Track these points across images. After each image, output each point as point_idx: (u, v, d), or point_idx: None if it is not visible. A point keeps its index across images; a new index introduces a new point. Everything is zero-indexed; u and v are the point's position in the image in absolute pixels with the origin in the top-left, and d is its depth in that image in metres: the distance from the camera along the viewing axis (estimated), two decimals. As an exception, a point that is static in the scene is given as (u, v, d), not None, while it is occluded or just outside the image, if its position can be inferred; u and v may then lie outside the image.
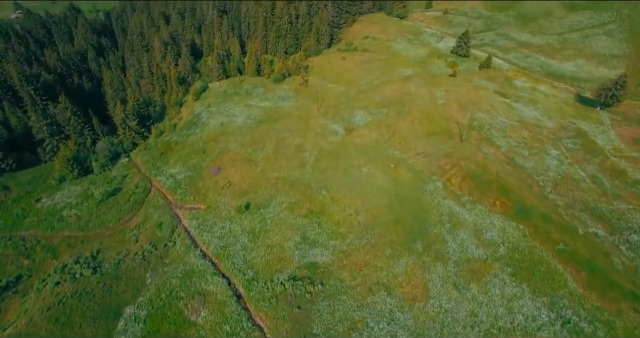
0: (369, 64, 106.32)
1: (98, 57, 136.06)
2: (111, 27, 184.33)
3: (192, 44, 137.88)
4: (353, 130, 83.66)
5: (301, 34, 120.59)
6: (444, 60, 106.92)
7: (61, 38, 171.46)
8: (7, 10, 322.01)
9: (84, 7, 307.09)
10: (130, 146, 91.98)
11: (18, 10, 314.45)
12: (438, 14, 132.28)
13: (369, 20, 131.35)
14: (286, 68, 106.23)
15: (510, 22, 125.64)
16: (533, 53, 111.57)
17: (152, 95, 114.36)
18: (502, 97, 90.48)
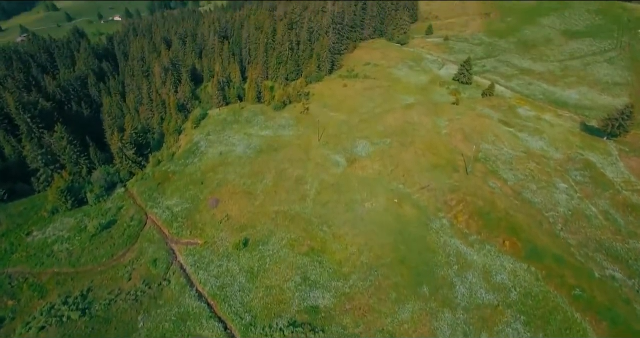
0: (371, 91, 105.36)
1: (98, 82, 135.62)
2: (113, 51, 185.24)
3: (192, 69, 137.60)
4: (355, 161, 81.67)
5: (302, 60, 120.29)
6: (446, 87, 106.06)
7: (63, 62, 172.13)
8: (13, 34, 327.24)
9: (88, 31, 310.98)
10: (126, 175, 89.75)
11: (24, 33, 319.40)
12: (439, 40, 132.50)
13: (369, 46, 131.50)
14: (287, 95, 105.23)
15: (511, 48, 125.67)
16: (535, 80, 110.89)
17: (151, 121, 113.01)
18: (506, 126, 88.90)
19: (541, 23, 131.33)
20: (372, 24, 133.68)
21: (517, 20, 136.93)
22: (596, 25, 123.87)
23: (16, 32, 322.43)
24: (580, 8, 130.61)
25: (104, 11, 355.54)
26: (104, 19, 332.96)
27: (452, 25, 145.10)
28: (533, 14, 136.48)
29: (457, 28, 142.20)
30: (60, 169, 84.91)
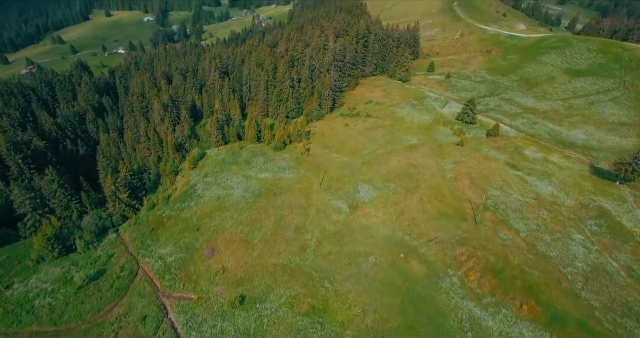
0: (373, 132, 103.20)
1: (97, 118, 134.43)
2: (115, 85, 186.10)
3: (192, 105, 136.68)
4: (358, 207, 78.08)
5: (303, 98, 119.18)
6: (450, 127, 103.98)
7: (65, 96, 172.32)
8: (20, 66, 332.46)
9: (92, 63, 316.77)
10: (119, 220, 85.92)
11: (30, 66, 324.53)
12: (441, 77, 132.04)
13: (371, 83, 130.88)
14: (287, 135, 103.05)
15: (514, 87, 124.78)
16: (540, 119, 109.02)
17: (148, 160, 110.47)
18: (514, 169, 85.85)
19: (543, 61, 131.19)
20: (374, 61, 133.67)
21: (519, 58, 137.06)
22: (598, 64, 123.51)
23: (22, 65, 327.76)
24: (581, 47, 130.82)
25: (108, 44, 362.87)
26: (108, 51, 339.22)
27: (454, 62, 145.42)
28: (534, 53, 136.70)
29: (458, 65, 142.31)
30: (50, 214, 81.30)
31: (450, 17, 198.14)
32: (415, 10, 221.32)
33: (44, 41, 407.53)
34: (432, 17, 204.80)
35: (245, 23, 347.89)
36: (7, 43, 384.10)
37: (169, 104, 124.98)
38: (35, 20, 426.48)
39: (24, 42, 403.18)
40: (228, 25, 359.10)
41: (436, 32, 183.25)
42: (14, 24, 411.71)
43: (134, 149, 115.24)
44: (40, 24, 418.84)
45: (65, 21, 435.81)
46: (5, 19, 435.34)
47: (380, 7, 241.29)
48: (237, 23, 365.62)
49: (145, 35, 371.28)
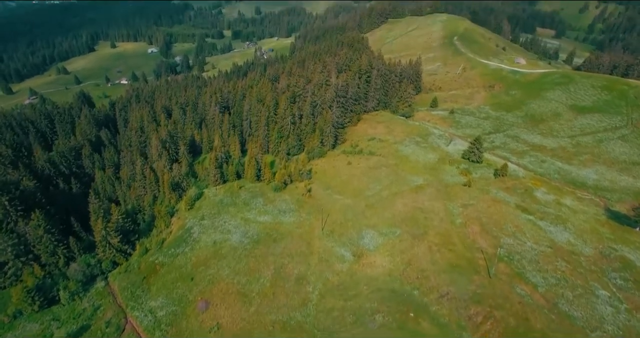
0: (377, 171, 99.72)
1: (93, 153, 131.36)
2: (114, 118, 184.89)
3: (191, 140, 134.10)
4: (362, 255, 73.34)
5: (304, 134, 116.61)
6: (455, 166, 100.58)
7: (63, 128, 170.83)
8: (23, 96, 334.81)
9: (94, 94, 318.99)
10: (109, 266, 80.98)
11: (33, 96, 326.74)
12: (444, 113, 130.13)
13: (374, 119, 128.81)
14: (288, 174, 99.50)
15: (519, 123, 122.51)
16: (548, 157, 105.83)
17: (143, 199, 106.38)
18: (525, 213, 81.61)
19: (547, 97, 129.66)
20: (376, 96, 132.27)
21: (523, 94, 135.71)
22: (603, 101, 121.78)
23: (26, 95, 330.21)
24: (585, 83, 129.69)
25: (112, 74, 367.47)
26: (111, 82, 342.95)
27: (457, 97, 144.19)
28: (538, 88, 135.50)
29: (462, 100, 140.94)
30: (33, 261, 76.39)
31: (450, 51, 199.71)
32: (415, 44, 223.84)
33: (48, 71, 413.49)
34: (433, 51, 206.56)
35: (247, 55, 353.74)
36: (12, 73, 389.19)
37: (167, 139, 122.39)
38: (42, 51, 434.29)
39: (30, 72, 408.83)
40: (230, 57, 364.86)
41: (437, 66, 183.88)
42: (21, 55, 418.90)
43: (129, 186, 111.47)
44: (46, 54, 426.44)
45: (71, 52, 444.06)
46: (14, 49, 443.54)
47: (381, 40, 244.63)
48: (239, 54, 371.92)
49: (148, 66, 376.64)
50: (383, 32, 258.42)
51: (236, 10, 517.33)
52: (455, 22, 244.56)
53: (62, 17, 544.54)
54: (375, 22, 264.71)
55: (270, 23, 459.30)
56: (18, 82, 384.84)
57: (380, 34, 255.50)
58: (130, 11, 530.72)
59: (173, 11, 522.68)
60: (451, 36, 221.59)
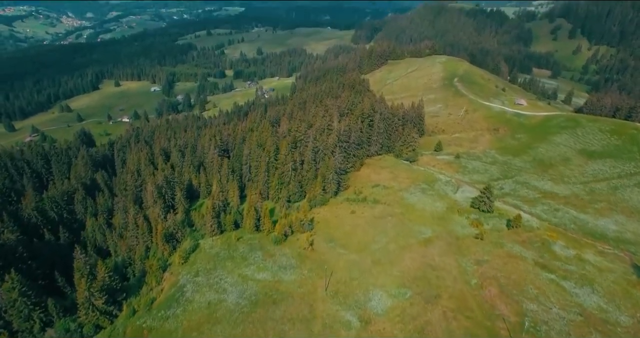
0: (382, 221, 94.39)
1: (87, 197, 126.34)
2: (112, 158, 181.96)
3: (189, 185, 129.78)
4: (370, 321, 66.43)
5: (306, 180, 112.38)
6: (465, 217, 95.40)
7: (60, 168, 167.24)
8: (25, 133, 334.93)
9: (95, 131, 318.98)
10: (91, 331, 73.65)
11: (34, 133, 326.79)
12: (450, 158, 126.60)
13: (377, 163, 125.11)
14: (289, 224, 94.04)
15: (528, 168, 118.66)
16: (561, 205, 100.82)
17: (135, 249, 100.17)
18: (546, 271, 75.41)
19: (554, 141, 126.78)
20: (379, 140, 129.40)
21: (529, 138, 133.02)
22: (613, 146, 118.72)
23: (27, 132, 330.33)
24: (592, 127, 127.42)
25: (114, 112, 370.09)
26: (113, 120, 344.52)
27: (461, 140, 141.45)
28: (544, 132, 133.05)
29: (466, 144, 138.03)
30: (3, 328, 69.19)
31: (451, 92, 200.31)
32: (416, 85, 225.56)
33: (52, 109, 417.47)
34: (434, 92, 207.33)
35: (248, 94, 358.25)
36: (16, 110, 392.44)
37: (163, 185, 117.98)
38: (48, 89, 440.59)
39: (34, 110, 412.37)
40: (231, 96, 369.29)
41: (439, 108, 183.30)
42: (27, 93, 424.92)
43: (120, 236, 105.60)
44: (51, 92, 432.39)
45: (75, 90, 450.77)
46: (21, 87, 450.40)
47: (382, 81, 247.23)
48: (240, 94, 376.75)
49: (151, 104, 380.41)
50: (383, 73, 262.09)
51: (238, 51, 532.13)
52: (455, 64, 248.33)
53: (71, 57, 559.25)
54: (375, 63, 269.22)
55: (271, 63, 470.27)
56: (21, 119, 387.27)
57: (381, 75, 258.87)
58: (135, 51, 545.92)
59: (177, 51, 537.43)
60: (451, 77, 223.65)
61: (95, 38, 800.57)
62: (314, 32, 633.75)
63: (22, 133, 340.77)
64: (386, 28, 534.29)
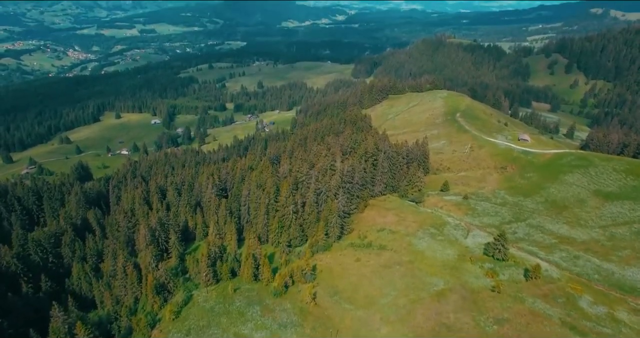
0: (390, 271, 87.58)
1: (76, 239, 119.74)
2: (107, 195, 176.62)
3: (185, 226, 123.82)
4: (382, 397, 58.53)
5: (307, 223, 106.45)
6: (479, 265, 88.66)
7: (52, 206, 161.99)
8: (22, 165, 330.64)
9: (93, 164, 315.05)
10: None
11: (31, 165, 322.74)
12: (457, 198, 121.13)
13: (382, 204, 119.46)
14: (289, 274, 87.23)
15: (540, 210, 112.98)
16: (581, 252, 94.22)
17: (122, 302, 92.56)
18: (576, 333, 68.03)
19: (567, 181, 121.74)
20: (383, 180, 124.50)
21: (539, 177, 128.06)
22: (630, 187, 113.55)
23: (25, 164, 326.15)
24: (606, 166, 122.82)
25: (113, 145, 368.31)
26: (112, 152, 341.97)
27: (468, 179, 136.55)
28: (555, 171, 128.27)
29: (474, 183, 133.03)
30: None
31: (455, 128, 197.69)
32: (418, 120, 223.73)
33: (52, 140, 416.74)
34: (437, 128, 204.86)
35: (248, 127, 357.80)
36: (16, 142, 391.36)
37: (157, 228, 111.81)
38: (49, 121, 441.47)
39: (33, 142, 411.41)
40: (232, 129, 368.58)
41: (442, 144, 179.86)
42: (28, 125, 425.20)
43: (108, 285, 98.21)
44: (52, 124, 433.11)
45: (76, 122, 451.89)
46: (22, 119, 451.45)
47: (383, 116, 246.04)
48: (240, 127, 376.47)
49: (150, 136, 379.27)
50: (384, 108, 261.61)
51: (239, 84, 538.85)
52: (456, 99, 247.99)
53: (74, 89, 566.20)
54: (376, 98, 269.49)
55: (272, 96, 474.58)
56: (20, 151, 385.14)
57: (382, 110, 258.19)
58: (137, 84, 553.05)
59: (179, 84, 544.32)
60: (453, 112, 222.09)
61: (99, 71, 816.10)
62: (314, 66, 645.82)
63: (19, 165, 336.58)
64: (385, 62, 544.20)
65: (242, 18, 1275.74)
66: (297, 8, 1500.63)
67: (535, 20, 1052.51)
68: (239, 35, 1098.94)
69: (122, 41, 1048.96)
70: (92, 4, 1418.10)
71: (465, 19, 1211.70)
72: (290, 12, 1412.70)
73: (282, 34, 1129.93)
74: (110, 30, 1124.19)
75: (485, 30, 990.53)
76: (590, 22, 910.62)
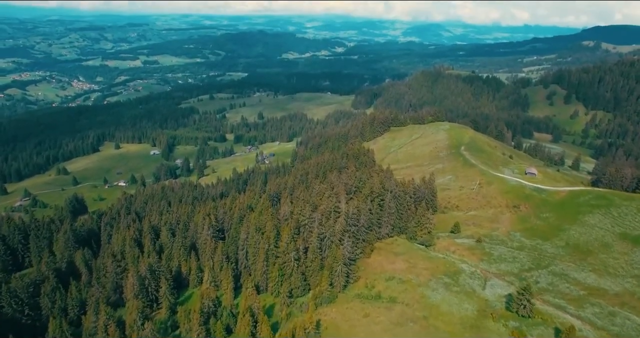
0: (403, 329, 78.35)
1: (58, 287, 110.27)
2: (99, 232, 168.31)
3: (177, 271, 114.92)
4: None
5: (310, 271, 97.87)
6: (502, 323, 79.47)
7: (38, 245, 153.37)
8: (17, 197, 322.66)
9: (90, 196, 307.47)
10: None
11: (25, 197, 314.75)
12: (470, 242, 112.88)
13: (389, 248, 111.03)
14: (292, 332, 77.74)
15: (562, 255, 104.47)
16: (616, 307, 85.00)
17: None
18: None
19: (588, 222, 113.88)
20: (390, 221, 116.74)
21: (557, 218, 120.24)
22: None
23: (20, 196, 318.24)
24: (629, 207, 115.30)
25: (111, 176, 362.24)
26: (109, 184, 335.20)
27: (479, 219, 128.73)
28: (573, 211, 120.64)
29: (486, 224, 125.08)
30: None
31: (460, 162, 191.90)
32: (421, 154, 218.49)
33: (49, 171, 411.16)
34: (441, 161, 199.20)
35: (248, 159, 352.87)
36: (13, 173, 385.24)
37: (147, 275, 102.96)
38: (48, 152, 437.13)
39: (30, 172, 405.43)
40: (231, 161, 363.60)
41: (449, 179, 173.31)
42: (26, 155, 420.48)
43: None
44: (50, 154, 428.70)
45: (75, 152, 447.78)
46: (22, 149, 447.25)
47: (385, 149, 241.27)
48: (240, 158, 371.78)
49: (149, 168, 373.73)
50: (386, 140, 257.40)
51: (239, 115, 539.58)
52: (459, 131, 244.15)
53: (75, 119, 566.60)
54: (378, 130, 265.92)
55: (272, 128, 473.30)
56: (16, 182, 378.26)
57: (384, 143, 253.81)
58: (138, 114, 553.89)
59: (179, 115, 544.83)
60: (458, 145, 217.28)
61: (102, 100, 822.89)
62: (315, 97, 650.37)
63: (14, 196, 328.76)
64: (385, 94, 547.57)
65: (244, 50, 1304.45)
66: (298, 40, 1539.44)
67: (529, 52, 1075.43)
68: (240, 66, 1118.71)
69: (125, 72, 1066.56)
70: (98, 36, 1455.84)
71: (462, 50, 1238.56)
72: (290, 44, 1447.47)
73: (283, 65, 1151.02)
74: (114, 62, 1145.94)
75: (481, 62, 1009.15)
76: (583, 54, 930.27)
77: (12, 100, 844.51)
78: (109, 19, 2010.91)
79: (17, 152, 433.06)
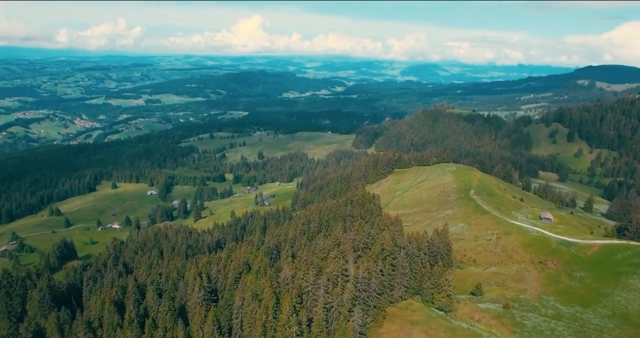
0: None
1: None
2: (81, 287, 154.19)
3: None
4: None
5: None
6: None
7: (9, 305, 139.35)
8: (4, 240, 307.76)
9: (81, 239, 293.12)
10: None
11: (13, 241, 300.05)
12: (497, 307, 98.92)
13: (404, 315, 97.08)
14: None
15: (611, 328, 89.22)
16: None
17: None
18: None
19: (633, 286, 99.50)
20: (404, 282, 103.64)
21: (593, 278, 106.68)
22: None
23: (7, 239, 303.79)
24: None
25: (105, 217, 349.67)
26: (102, 226, 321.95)
27: (502, 278, 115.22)
28: (612, 271, 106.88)
29: (511, 284, 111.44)
30: None
31: (471, 207, 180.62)
32: (429, 198, 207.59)
33: (42, 212, 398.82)
34: (451, 207, 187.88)
35: (247, 200, 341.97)
36: (3, 214, 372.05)
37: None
38: (43, 191, 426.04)
39: (22, 213, 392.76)
40: (230, 202, 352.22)
41: (461, 228, 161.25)
42: (20, 195, 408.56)
43: None
44: (45, 194, 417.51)
45: (71, 192, 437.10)
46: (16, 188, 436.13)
47: (390, 193, 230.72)
48: (239, 199, 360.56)
49: (145, 209, 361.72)
50: (390, 183, 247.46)
51: (239, 154, 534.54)
52: (467, 173, 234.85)
53: (74, 157, 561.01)
54: (382, 172, 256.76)
55: (272, 167, 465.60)
56: (6, 224, 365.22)
57: (388, 186, 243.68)
58: (137, 153, 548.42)
59: (178, 153, 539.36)
60: (466, 189, 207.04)
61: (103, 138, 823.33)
62: (315, 136, 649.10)
63: (1, 240, 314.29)
64: (386, 133, 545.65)
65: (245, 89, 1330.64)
66: (298, 80, 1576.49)
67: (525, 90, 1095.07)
68: (241, 105, 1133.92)
69: (127, 110, 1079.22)
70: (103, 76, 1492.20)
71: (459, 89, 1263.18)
72: (291, 84, 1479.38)
73: (283, 104, 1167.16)
74: (117, 100, 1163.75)
75: (479, 100, 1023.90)
76: (579, 92, 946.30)
77: (14, 138, 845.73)
78: (114, 59, 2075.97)
79: (12, 192, 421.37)
